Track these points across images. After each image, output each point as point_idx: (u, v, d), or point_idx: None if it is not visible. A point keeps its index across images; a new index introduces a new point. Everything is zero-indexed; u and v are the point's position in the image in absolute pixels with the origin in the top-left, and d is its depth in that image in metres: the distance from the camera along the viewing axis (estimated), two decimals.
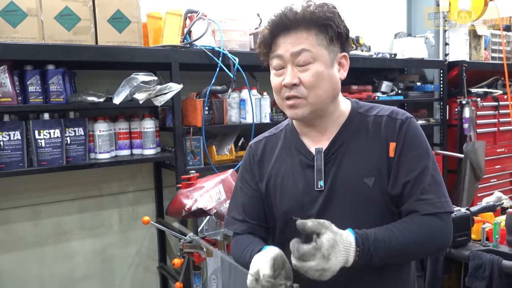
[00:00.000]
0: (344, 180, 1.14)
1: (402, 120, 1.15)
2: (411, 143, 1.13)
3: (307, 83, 1.10)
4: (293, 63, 1.11)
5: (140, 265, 2.81)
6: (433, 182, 1.12)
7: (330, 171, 1.15)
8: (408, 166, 1.12)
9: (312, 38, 1.10)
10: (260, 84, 2.82)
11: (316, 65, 1.10)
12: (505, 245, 1.80)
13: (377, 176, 1.12)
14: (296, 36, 1.10)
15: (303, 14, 1.10)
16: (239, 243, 1.24)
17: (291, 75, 1.11)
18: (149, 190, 2.80)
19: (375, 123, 1.16)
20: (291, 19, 1.10)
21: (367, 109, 1.20)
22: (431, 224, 1.09)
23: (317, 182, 1.15)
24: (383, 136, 1.14)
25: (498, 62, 3.95)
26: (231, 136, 2.71)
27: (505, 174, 4.03)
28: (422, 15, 3.91)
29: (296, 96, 1.11)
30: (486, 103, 3.74)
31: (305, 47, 1.09)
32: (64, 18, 2.09)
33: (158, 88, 2.22)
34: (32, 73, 2.08)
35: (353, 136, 1.16)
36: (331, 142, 1.17)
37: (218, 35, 2.51)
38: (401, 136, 1.13)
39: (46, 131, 2.09)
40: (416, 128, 1.16)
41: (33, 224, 2.46)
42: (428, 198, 1.10)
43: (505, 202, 2.12)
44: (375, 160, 1.13)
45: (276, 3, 3.43)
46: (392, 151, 1.13)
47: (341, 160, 1.15)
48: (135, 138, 2.44)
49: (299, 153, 1.20)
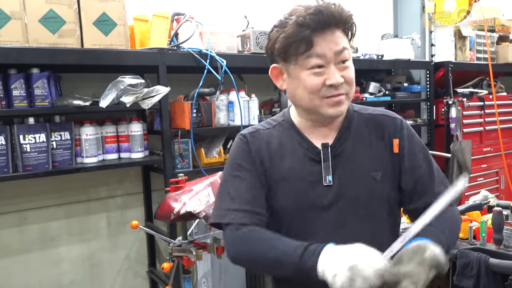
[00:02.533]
0: (352, 174, 1.16)
1: (398, 118, 1.22)
2: (412, 141, 1.20)
3: (350, 80, 1.12)
4: (335, 62, 1.09)
5: (130, 270, 2.78)
6: (439, 172, 1.21)
7: (337, 166, 1.16)
8: (416, 163, 1.18)
9: (345, 36, 1.12)
10: (248, 86, 2.82)
11: (351, 62, 1.13)
12: (492, 243, 1.82)
13: (383, 171, 1.16)
14: (335, 34, 1.09)
15: (343, 12, 1.09)
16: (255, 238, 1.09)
17: (337, 74, 1.09)
18: (137, 194, 2.78)
19: (375, 121, 1.21)
20: (335, 16, 1.07)
21: (361, 108, 1.25)
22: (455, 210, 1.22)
23: (325, 177, 1.15)
24: (386, 133, 1.19)
25: (483, 62, 4.00)
26: (219, 139, 2.70)
27: (491, 173, 4.08)
28: (409, 16, 3.96)
29: (342, 94, 1.11)
30: (472, 103, 3.78)
31: (345, 46, 1.10)
32: (48, 21, 2.07)
33: (145, 91, 2.21)
34: (16, 77, 2.05)
35: (357, 132, 1.19)
36: (336, 138, 1.18)
37: (205, 37, 2.50)
38: (403, 134, 1.19)
39: (31, 135, 2.05)
40: (409, 126, 1.23)
41: (19, 231, 2.42)
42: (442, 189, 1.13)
43: (491, 201, 2.15)
44: (380, 156, 1.17)
45: (263, 5, 3.45)
46: (396, 147, 1.18)
47: (348, 155, 1.17)
48: (122, 142, 2.42)
49: (304, 148, 1.18)
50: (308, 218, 1.15)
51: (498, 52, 4.17)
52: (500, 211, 1.80)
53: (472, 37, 3.96)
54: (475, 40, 4.00)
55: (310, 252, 0.99)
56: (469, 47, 3.93)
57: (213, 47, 2.50)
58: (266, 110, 2.87)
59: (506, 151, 4.04)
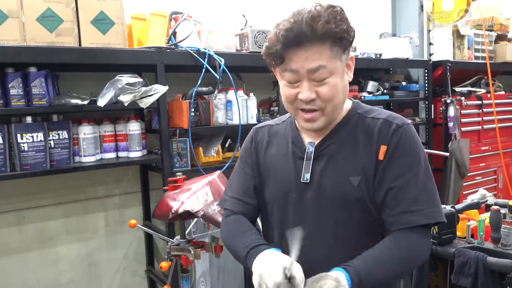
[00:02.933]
0: (330, 176, 1.16)
1: (397, 125, 1.14)
2: (402, 150, 1.11)
3: (325, 96, 1.09)
4: (309, 79, 1.08)
5: (128, 269, 2.78)
6: (424, 191, 1.10)
7: (317, 165, 1.18)
8: (394, 173, 1.11)
9: (327, 52, 1.07)
10: (246, 85, 2.82)
11: (333, 78, 1.09)
12: (490, 242, 1.82)
13: (362, 176, 1.12)
14: (312, 50, 1.05)
15: (317, 29, 1.03)
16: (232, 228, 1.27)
17: (308, 90, 1.08)
18: (135, 193, 2.78)
19: (371, 125, 1.16)
20: (306, 34, 1.03)
21: (367, 111, 1.21)
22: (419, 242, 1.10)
23: (303, 175, 1.18)
24: (375, 138, 1.14)
25: (481, 61, 4.01)
26: (218, 138, 2.70)
27: (489, 172, 4.08)
28: (407, 15, 3.96)
29: (313, 109, 1.11)
30: (470, 102, 3.79)
31: (322, 63, 1.06)
32: (46, 19, 2.06)
33: (143, 90, 2.20)
34: (13, 76, 2.04)
35: (347, 135, 1.18)
36: (324, 138, 1.19)
37: (203, 36, 2.50)
38: (393, 141, 1.12)
39: (28, 134, 2.05)
40: (411, 135, 1.14)
41: (17, 230, 2.41)
42: (419, 209, 1.08)
43: (489, 200, 2.15)
44: (363, 161, 1.13)
45: (261, 4, 3.44)
46: (382, 154, 1.12)
47: (330, 156, 1.17)
48: (120, 141, 2.41)
49: (293, 144, 1.23)
50: (285, 210, 1.21)
51: (496, 51, 4.17)
52: (498, 209, 1.80)
53: (470, 36, 3.97)
54: (473, 39, 4.00)
55: (251, 254, 1.13)
56: (467, 46, 3.94)
57: (211, 46, 2.50)
58: (264, 109, 2.87)
59: (504, 150, 4.05)
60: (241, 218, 1.28)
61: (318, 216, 1.16)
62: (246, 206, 1.29)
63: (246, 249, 1.15)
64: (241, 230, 1.23)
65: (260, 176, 1.28)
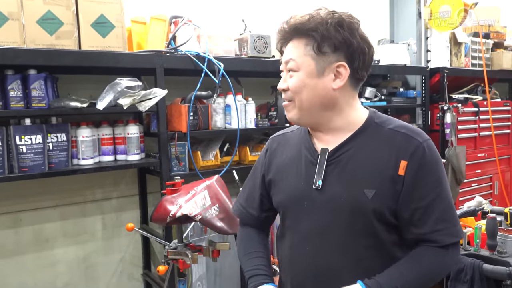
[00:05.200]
0: (344, 184, 1.15)
1: (419, 141, 1.13)
2: (426, 169, 1.11)
3: (291, 88, 1.18)
4: (286, 70, 1.20)
5: (124, 273, 2.77)
6: (448, 209, 1.13)
7: (331, 173, 1.17)
8: (419, 193, 1.11)
9: (301, 48, 1.15)
10: (245, 90, 2.82)
11: (299, 74, 1.16)
12: (486, 249, 1.83)
13: (378, 190, 1.11)
14: (292, 45, 1.18)
15: (293, 24, 1.15)
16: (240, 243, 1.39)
17: (282, 80, 1.21)
18: (133, 196, 2.77)
19: (390, 137, 1.15)
20: (286, 29, 1.18)
21: (384, 120, 1.20)
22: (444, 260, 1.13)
23: (316, 181, 1.18)
24: (395, 152, 1.12)
25: (478, 68, 4.04)
26: (216, 142, 2.70)
27: (485, 179, 4.10)
28: (405, 22, 3.99)
29: (286, 99, 1.21)
30: (466, 109, 3.81)
31: (292, 57, 1.17)
32: (46, 22, 2.07)
33: (142, 94, 2.21)
34: (13, 78, 2.04)
35: (364, 145, 1.16)
36: (338, 145, 1.18)
37: (203, 41, 2.51)
38: (416, 159, 1.11)
39: (27, 137, 2.05)
40: (433, 152, 1.14)
41: (13, 232, 2.40)
42: (444, 227, 1.11)
43: (485, 207, 2.16)
44: (380, 174, 1.12)
45: (260, 9, 3.46)
46: (402, 170, 1.11)
47: (345, 165, 1.16)
48: (119, 144, 2.42)
49: (306, 150, 1.24)
50: (297, 215, 1.22)
51: (493, 58, 4.21)
52: (494, 217, 1.82)
53: (467, 43, 4.00)
54: (470, 47, 4.04)
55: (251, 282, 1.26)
56: (464, 53, 3.97)
57: (210, 50, 2.51)
58: (262, 113, 2.88)
59: (500, 157, 4.08)
60: (251, 233, 1.39)
61: (328, 222, 1.15)
62: (249, 216, 1.39)
63: (247, 274, 1.29)
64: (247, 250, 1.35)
65: (272, 182, 1.30)
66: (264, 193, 1.34)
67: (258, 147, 2.82)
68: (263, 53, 2.67)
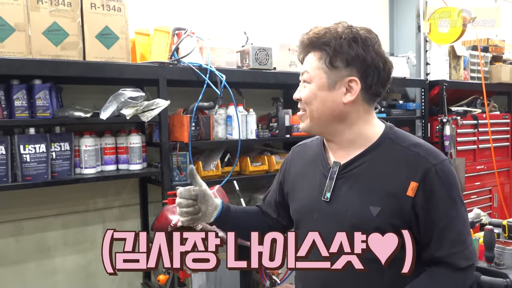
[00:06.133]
0: (351, 199, 1.17)
1: (433, 163, 1.11)
2: (439, 194, 1.10)
3: (303, 98, 1.22)
4: (302, 81, 1.24)
5: (124, 281, 2.77)
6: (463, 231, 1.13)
7: (341, 187, 1.19)
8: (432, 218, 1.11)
9: (315, 61, 1.20)
10: (246, 101, 2.86)
11: (311, 86, 1.20)
12: (484, 260, 1.84)
13: (383, 208, 1.12)
14: (308, 57, 1.22)
15: (310, 37, 1.20)
16: None
17: (298, 90, 1.25)
18: (134, 206, 2.79)
19: (402, 155, 1.15)
20: (305, 41, 1.22)
21: (400, 137, 1.20)
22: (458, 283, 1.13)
23: (325, 193, 1.21)
24: (406, 172, 1.12)
25: (476, 81, 4.08)
26: (217, 152, 2.73)
27: (485, 191, 4.12)
28: (404, 35, 4.04)
29: (300, 109, 1.25)
30: (466, 121, 3.85)
31: (307, 69, 1.21)
32: (52, 33, 2.10)
33: (145, 104, 2.24)
34: (18, 88, 2.08)
35: (376, 161, 1.17)
36: (350, 160, 1.20)
37: (205, 52, 2.55)
38: (428, 182, 1.10)
39: (31, 146, 2.07)
40: (447, 175, 1.12)
41: (15, 240, 2.42)
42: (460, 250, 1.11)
43: (483, 219, 2.18)
44: (388, 192, 1.12)
45: (262, 22, 3.50)
46: (411, 191, 1.10)
47: (355, 180, 1.18)
48: (121, 153, 2.44)
49: (320, 162, 1.28)
50: (306, 225, 1.25)
51: (492, 71, 4.25)
52: (492, 229, 1.83)
53: (466, 56, 4.05)
54: (469, 60, 4.08)
55: None
56: (463, 67, 4.02)
57: (213, 62, 2.55)
58: (263, 124, 2.91)
59: (499, 169, 4.10)
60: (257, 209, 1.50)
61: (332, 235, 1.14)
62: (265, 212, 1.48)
63: None
64: None
65: (290, 191, 1.36)
66: (281, 200, 1.43)
67: (259, 158, 2.85)
68: (265, 65, 2.71)
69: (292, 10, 3.46)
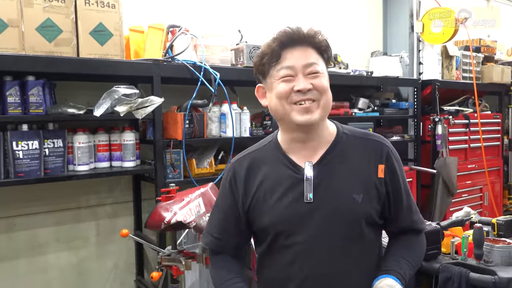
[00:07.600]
0: (334, 194, 1.21)
1: (386, 145, 1.28)
2: (397, 169, 1.27)
3: (320, 87, 1.19)
4: (304, 73, 1.19)
5: (117, 279, 2.77)
6: (413, 201, 1.33)
7: (319, 185, 1.21)
8: (396, 191, 1.26)
9: (316, 55, 1.21)
10: (240, 99, 2.87)
11: (323, 77, 1.21)
12: (473, 258, 1.87)
13: (364, 193, 1.21)
14: (305, 51, 1.20)
15: (312, 35, 1.20)
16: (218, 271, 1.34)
17: (304, 81, 1.18)
18: (127, 203, 2.79)
19: (362, 144, 1.27)
20: (302, 36, 1.19)
21: (350, 130, 1.31)
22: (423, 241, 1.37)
23: (306, 195, 1.20)
24: (373, 157, 1.24)
25: (468, 81, 4.12)
26: (211, 150, 2.73)
27: (476, 190, 4.17)
28: (398, 35, 4.07)
29: (310, 99, 1.18)
30: (457, 121, 3.89)
31: (315, 61, 1.20)
32: (45, 29, 2.09)
33: (139, 101, 2.24)
34: (11, 84, 2.07)
35: (343, 154, 1.25)
36: (321, 158, 1.23)
37: (199, 50, 2.55)
38: (389, 162, 1.26)
39: (24, 142, 2.07)
40: (396, 153, 1.30)
41: (7, 237, 2.41)
42: (418, 217, 1.33)
43: (473, 217, 2.21)
44: (363, 178, 1.23)
45: (256, 20, 3.51)
46: (381, 172, 1.23)
47: (331, 175, 1.22)
48: (114, 150, 2.44)
49: (287, 167, 1.24)
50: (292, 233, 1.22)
51: (483, 72, 4.30)
52: (481, 227, 1.86)
53: (458, 57, 4.08)
54: (462, 60, 4.12)
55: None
56: (455, 67, 4.05)
57: (207, 60, 2.55)
58: (257, 122, 2.92)
59: (489, 168, 4.14)
60: (226, 260, 1.34)
61: (326, 233, 1.19)
62: (225, 244, 1.34)
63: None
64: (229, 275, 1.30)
65: (252, 207, 1.26)
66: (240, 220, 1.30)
67: None
68: None
69: (285, 9, 3.47)
